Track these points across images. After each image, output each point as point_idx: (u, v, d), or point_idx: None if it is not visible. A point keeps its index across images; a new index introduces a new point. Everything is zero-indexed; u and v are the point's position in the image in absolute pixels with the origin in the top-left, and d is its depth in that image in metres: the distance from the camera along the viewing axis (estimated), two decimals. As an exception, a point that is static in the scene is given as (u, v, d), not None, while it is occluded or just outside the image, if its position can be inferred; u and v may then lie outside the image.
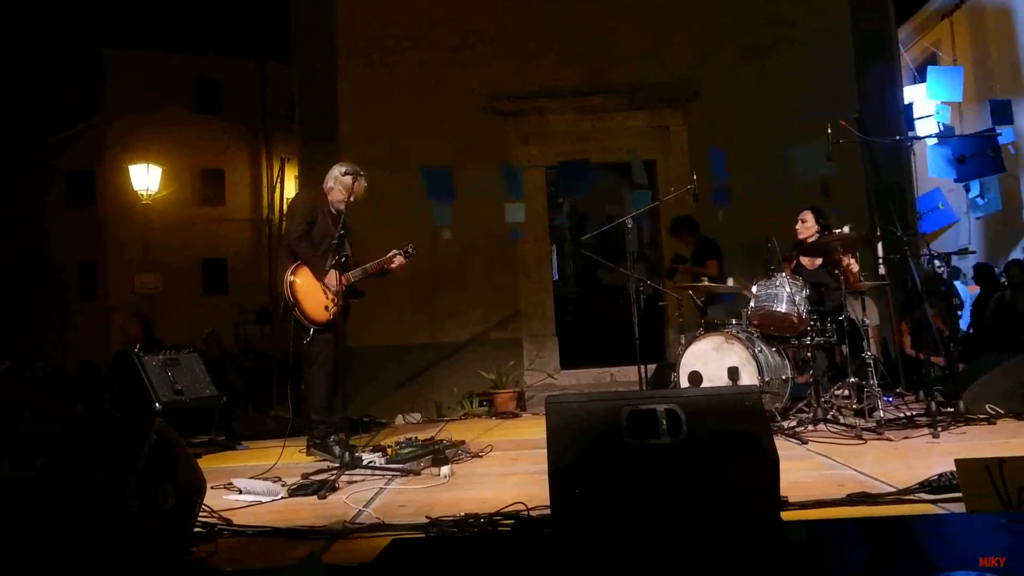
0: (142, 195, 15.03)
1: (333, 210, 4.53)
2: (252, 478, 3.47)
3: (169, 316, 16.36)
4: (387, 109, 8.17)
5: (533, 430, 5.08)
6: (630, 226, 5.63)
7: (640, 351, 5.83)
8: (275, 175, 19.27)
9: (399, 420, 6.67)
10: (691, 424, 2.13)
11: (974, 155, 7.06)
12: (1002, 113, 8.36)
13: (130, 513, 1.96)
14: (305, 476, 3.47)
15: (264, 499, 3.16)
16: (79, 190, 18.59)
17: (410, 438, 4.23)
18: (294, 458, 4.24)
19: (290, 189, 17.26)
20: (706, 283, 5.58)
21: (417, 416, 6.85)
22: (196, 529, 2.44)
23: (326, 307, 4.28)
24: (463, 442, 4.32)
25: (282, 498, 3.19)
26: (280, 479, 3.42)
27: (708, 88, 7.95)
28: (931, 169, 8.66)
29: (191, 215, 18.81)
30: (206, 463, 4.49)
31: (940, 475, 2.60)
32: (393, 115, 8.14)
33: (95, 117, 17.92)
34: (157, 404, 4.96)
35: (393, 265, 4.54)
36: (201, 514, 2.50)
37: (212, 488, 3.31)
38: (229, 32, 18.55)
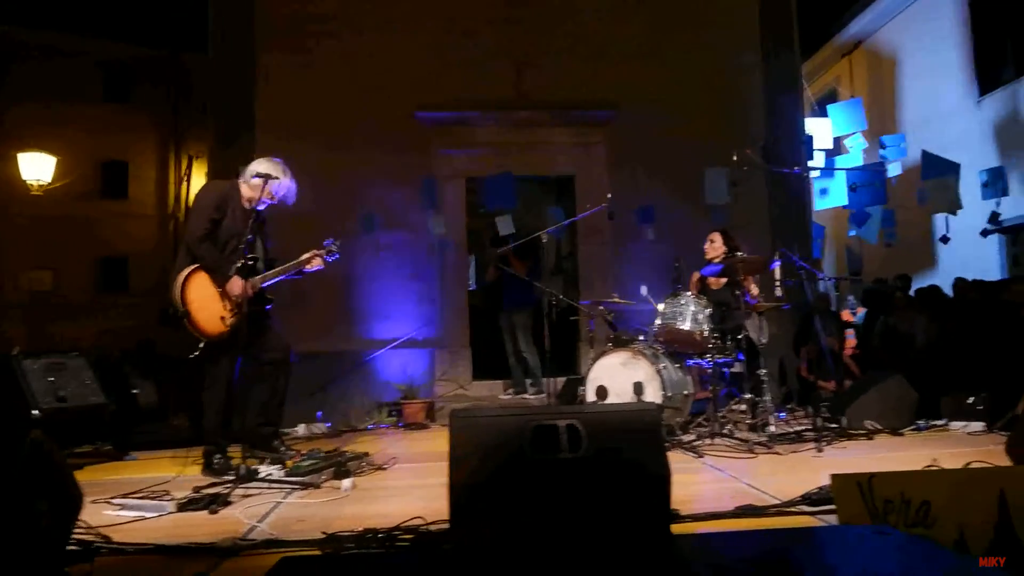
0: (33, 185, 14.10)
1: (246, 205, 4.18)
2: (137, 493, 3.30)
3: (63, 316, 15.47)
4: (306, 107, 7.99)
5: (440, 442, 5.03)
6: (544, 240, 5.71)
7: (552, 364, 5.92)
8: (183, 170, 18.48)
9: (303, 431, 6.49)
10: (591, 439, 2.16)
11: (864, 185, 7.53)
12: (892, 148, 8.97)
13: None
14: (196, 490, 3.33)
15: (149, 514, 3.00)
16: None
17: (313, 450, 4.12)
18: (189, 471, 4.06)
19: (196, 189, 16.57)
20: (616, 298, 5.70)
21: (323, 427, 6.69)
22: (71, 547, 2.30)
23: (222, 318, 3.91)
24: (367, 454, 4.23)
25: (170, 513, 3.04)
26: (168, 493, 3.27)
27: (629, 108, 8.14)
28: (818, 203, 9.18)
29: (90, 209, 17.79)
30: (90, 475, 4.27)
31: (820, 488, 2.75)
32: (312, 113, 7.98)
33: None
34: (36, 412, 4.62)
35: (310, 267, 4.24)
36: (77, 530, 2.36)
37: (93, 502, 3.15)
38: (145, 19, 17.75)
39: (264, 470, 3.61)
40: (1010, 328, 5.52)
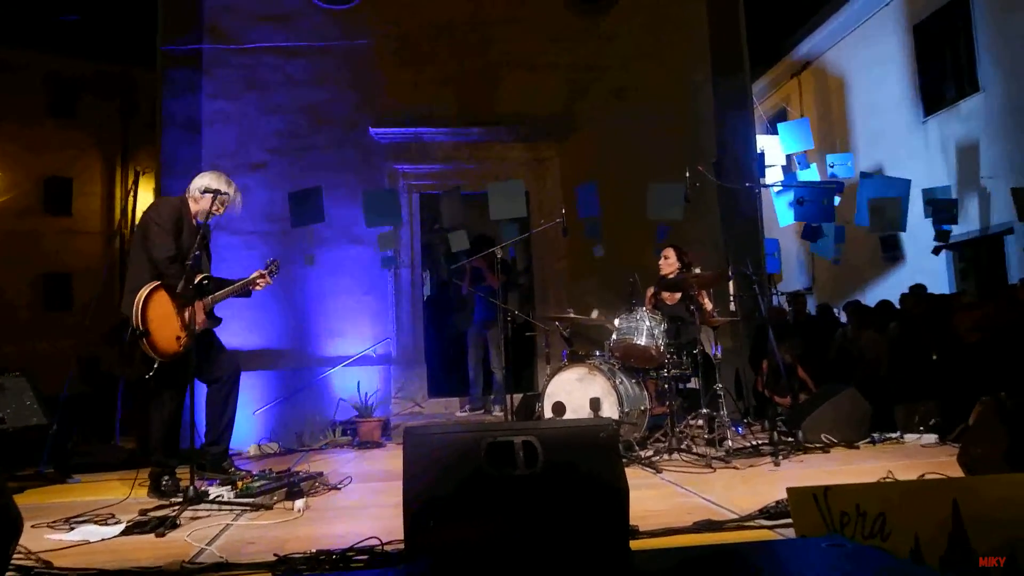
0: (-28, 202, 13.63)
1: (194, 221, 4.14)
2: (80, 516, 3.16)
3: (3, 335, 14.86)
4: (256, 121, 7.90)
5: (396, 461, 4.96)
6: (499, 256, 5.70)
7: (509, 380, 5.90)
8: (129, 185, 18.01)
9: (253, 450, 6.34)
10: (547, 456, 2.14)
11: (811, 201, 7.71)
12: (840, 166, 9.24)
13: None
14: (143, 512, 3.20)
15: (93, 538, 2.88)
16: None
17: (264, 470, 4.02)
18: (135, 493, 3.92)
19: (143, 204, 16.18)
20: (571, 315, 5.71)
21: (275, 446, 6.54)
22: (9, 573, 2.19)
23: (177, 337, 3.85)
24: (321, 473, 4.14)
25: (115, 537, 2.92)
26: (113, 516, 3.15)
27: (583, 125, 8.23)
28: (781, 219, 9.42)
29: (32, 225, 17.22)
30: (30, 498, 4.10)
31: (777, 502, 2.77)
32: (262, 128, 7.89)
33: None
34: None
35: (257, 287, 4.28)
36: (16, 556, 2.25)
37: (34, 527, 3.02)
38: (90, 33, 17.26)
39: (214, 491, 3.49)
40: (959, 341, 5.67)
